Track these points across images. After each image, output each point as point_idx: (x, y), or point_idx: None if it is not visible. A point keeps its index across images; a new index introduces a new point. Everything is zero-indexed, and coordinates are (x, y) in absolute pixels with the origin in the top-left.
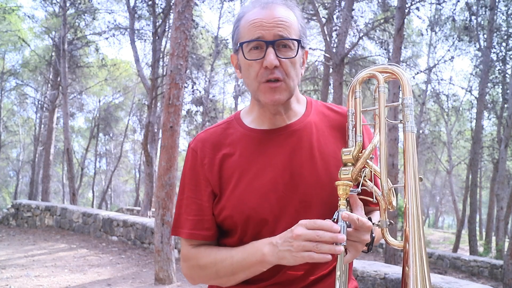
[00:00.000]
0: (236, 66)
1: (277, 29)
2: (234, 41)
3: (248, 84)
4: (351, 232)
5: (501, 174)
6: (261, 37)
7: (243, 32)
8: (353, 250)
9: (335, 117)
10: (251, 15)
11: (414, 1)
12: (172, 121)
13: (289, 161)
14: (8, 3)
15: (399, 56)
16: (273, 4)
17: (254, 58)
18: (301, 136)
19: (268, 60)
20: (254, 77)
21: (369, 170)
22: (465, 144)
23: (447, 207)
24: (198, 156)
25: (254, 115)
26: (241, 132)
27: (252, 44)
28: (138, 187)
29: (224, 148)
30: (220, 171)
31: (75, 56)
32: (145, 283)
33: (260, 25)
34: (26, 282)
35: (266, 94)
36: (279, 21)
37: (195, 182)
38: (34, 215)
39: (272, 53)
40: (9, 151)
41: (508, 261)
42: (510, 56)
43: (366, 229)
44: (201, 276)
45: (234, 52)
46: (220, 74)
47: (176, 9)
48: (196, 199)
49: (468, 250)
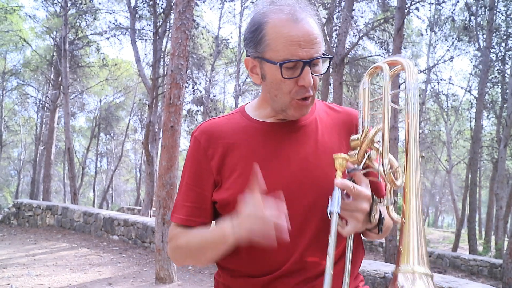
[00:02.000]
0: (252, 70)
1: (313, 49)
2: (258, 48)
3: (276, 95)
4: (348, 201)
5: (501, 173)
6: (299, 57)
7: (275, 46)
8: (353, 220)
9: (337, 115)
10: (284, 29)
11: (413, 1)
12: (172, 121)
13: (294, 154)
14: (9, 3)
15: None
16: (304, 15)
17: (290, 76)
18: (306, 131)
19: (306, 80)
20: (287, 93)
21: (375, 152)
22: (465, 143)
23: (446, 206)
24: (201, 145)
25: (262, 112)
26: (246, 123)
27: (291, 65)
28: (139, 186)
29: (228, 138)
30: (223, 160)
31: (76, 56)
32: (146, 282)
33: (297, 44)
34: (27, 281)
35: (297, 109)
36: (314, 39)
37: (195, 171)
38: (35, 214)
39: (310, 73)
40: (10, 151)
41: (508, 260)
42: (509, 56)
43: (364, 198)
44: (179, 255)
45: (253, 58)
46: (221, 74)
47: (177, 9)
48: (195, 187)
49: (467, 249)
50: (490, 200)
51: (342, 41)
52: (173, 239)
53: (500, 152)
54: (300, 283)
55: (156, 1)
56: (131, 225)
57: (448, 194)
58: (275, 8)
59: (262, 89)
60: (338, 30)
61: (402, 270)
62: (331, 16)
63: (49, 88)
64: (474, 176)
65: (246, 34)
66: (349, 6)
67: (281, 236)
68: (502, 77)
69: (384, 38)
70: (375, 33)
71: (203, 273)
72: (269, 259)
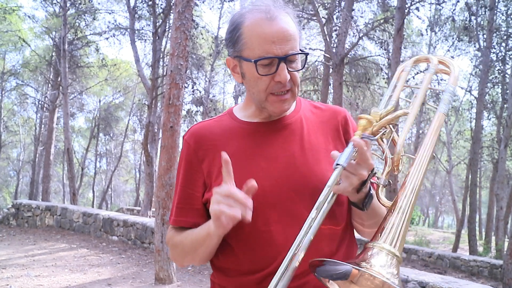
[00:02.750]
0: (233, 70)
1: (288, 46)
2: (236, 48)
3: (254, 93)
4: (351, 163)
5: (501, 174)
6: (274, 54)
7: (251, 44)
8: (347, 182)
9: (322, 113)
10: (258, 28)
11: (414, 1)
12: (172, 121)
13: (281, 151)
14: (8, 3)
15: (399, 56)
16: (278, 13)
17: (266, 73)
18: (293, 129)
19: (282, 76)
20: (263, 89)
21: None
22: (465, 144)
23: (446, 207)
24: (191, 147)
25: (248, 111)
26: (234, 124)
27: (266, 62)
28: (138, 187)
29: (217, 140)
30: (213, 161)
31: (76, 56)
32: (145, 283)
33: (271, 41)
34: (27, 282)
35: (274, 104)
36: (288, 35)
37: (187, 173)
38: (35, 215)
39: (285, 69)
40: (9, 151)
41: (508, 261)
42: (509, 56)
43: (367, 165)
44: (176, 255)
45: (233, 57)
46: (220, 74)
47: (176, 9)
48: (187, 188)
49: (467, 250)
50: (491, 200)
51: (342, 41)
52: (169, 241)
53: (500, 153)
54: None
55: (156, 1)
56: (131, 226)
57: (448, 195)
58: (251, 8)
59: (246, 88)
60: (338, 30)
61: (373, 244)
62: (331, 16)
63: (48, 88)
64: (474, 176)
65: (226, 35)
66: (349, 6)
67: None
68: (502, 77)
69: (384, 38)
70: (375, 33)
71: (202, 273)
72: (260, 255)
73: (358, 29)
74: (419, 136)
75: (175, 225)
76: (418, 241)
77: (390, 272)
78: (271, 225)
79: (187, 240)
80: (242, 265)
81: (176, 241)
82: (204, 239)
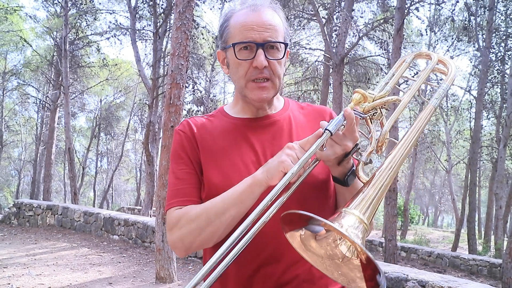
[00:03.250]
0: (222, 62)
1: (266, 33)
2: (223, 39)
3: (236, 81)
4: (337, 133)
5: (500, 173)
6: (252, 40)
7: (234, 32)
8: (330, 150)
9: (309, 112)
10: (241, 17)
11: (413, 2)
12: (173, 121)
13: (270, 146)
14: (10, 4)
15: (399, 56)
16: (262, 7)
17: (244, 58)
18: (281, 126)
19: (258, 61)
20: (243, 75)
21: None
22: (464, 143)
23: (446, 206)
24: (186, 135)
25: (237, 108)
26: (225, 120)
27: (243, 45)
28: (139, 186)
29: (209, 133)
30: (205, 150)
31: (77, 56)
32: (146, 282)
33: (251, 28)
34: (28, 281)
35: (253, 91)
36: (269, 25)
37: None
38: (36, 214)
39: (262, 55)
40: (11, 151)
41: (507, 260)
42: (508, 56)
43: (353, 138)
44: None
45: (221, 49)
46: (221, 74)
47: (177, 10)
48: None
49: (467, 249)
50: (490, 200)
51: (342, 41)
52: (182, 218)
53: (499, 152)
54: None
55: (156, 1)
56: (132, 225)
57: (448, 194)
58: (240, 3)
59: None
60: (338, 30)
61: (345, 210)
62: (331, 16)
63: (50, 88)
64: (473, 176)
65: (218, 30)
66: (349, 6)
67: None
68: (501, 77)
69: (384, 38)
70: (375, 33)
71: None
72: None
73: (358, 29)
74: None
75: (183, 204)
76: (417, 240)
77: (355, 233)
78: None
79: (216, 203)
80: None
81: (196, 212)
82: (242, 192)
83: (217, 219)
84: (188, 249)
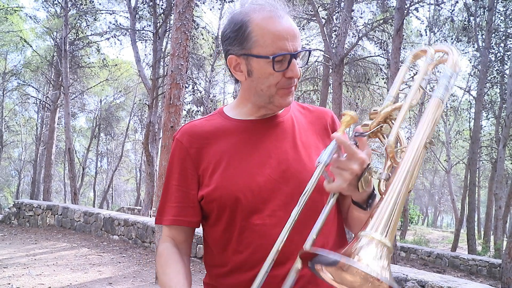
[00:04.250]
0: (235, 68)
1: (297, 42)
2: (244, 45)
3: (263, 90)
4: (341, 159)
5: (500, 173)
6: (287, 51)
7: (263, 41)
8: (340, 179)
9: (310, 114)
10: (270, 25)
11: (413, 2)
12: (172, 121)
13: (274, 148)
14: (10, 4)
15: (398, 57)
16: (283, 14)
17: (279, 69)
18: (284, 127)
19: (294, 72)
20: (274, 84)
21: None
22: (464, 143)
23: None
24: (183, 145)
25: (241, 110)
26: (226, 123)
27: (281, 58)
28: (139, 186)
29: (210, 137)
30: (206, 158)
31: (77, 57)
32: (146, 282)
33: (284, 38)
34: (28, 281)
35: (283, 97)
36: (297, 33)
37: (180, 171)
38: (36, 214)
39: (297, 65)
40: (11, 151)
41: (506, 260)
42: (508, 56)
43: (357, 159)
44: (157, 264)
45: (238, 55)
46: (221, 74)
47: (177, 10)
48: (181, 187)
49: (466, 249)
50: (489, 200)
51: (341, 41)
52: (161, 243)
53: (499, 152)
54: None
55: (156, 2)
56: (131, 225)
57: (447, 194)
58: (255, 7)
59: (243, 87)
60: (337, 31)
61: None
62: (331, 16)
63: (50, 88)
64: (473, 176)
65: (228, 34)
66: (348, 6)
67: None
68: (501, 77)
69: (383, 38)
70: (375, 33)
71: (202, 273)
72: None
73: (358, 29)
74: None
75: (175, 224)
76: (417, 240)
77: (381, 265)
78: (265, 219)
79: (161, 269)
80: (236, 261)
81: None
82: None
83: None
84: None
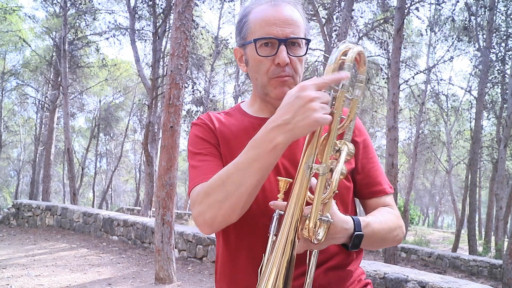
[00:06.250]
0: (240, 59)
1: (288, 29)
2: (241, 35)
3: (257, 78)
4: None
5: (501, 174)
6: (274, 35)
7: (254, 28)
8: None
9: None
10: (262, 12)
11: (413, 2)
12: (172, 121)
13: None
14: (9, 4)
15: (399, 56)
16: (282, 2)
17: (266, 54)
18: None
19: (281, 58)
20: (265, 72)
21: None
22: (465, 144)
23: (446, 206)
24: (207, 125)
25: (255, 107)
26: (243, 118)
27: (265, 41)
28: (139, 187)
29: (227, 129)
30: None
31: (76, 56)
32: (146, 283)
33: (273, 23)
34: (27, 282)
35: (276, 88)
36: (290, 20)
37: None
38: (35, 214)
39: (284, 51)
40: (10, 151)
41: (507, 261)
42: (509, 56)
43: None
44: (210, 205)
45: (239, 46)
46: (220, 74)
47: (177, 10)
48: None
49: (467, 249)
50: (490, 200)
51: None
52: (201, 191)
53: (500, 153)
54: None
55: (156, 1)
56: (131, 226)
57: (448, 195)
58: (258, 1)
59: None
60: (338, 30)
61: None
62: (331, 16)
63: (49, 88)
64: (474, 176)
65: (236, 27)
66: (348, 6)
67: None
68: (502, 77)
69: (384, 38)
70: (375, 33)
71: (202, 273)
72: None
73: (358, 29)
74: (418, 136)
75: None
76: (417, 241)
77: None
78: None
79: (237, 162)
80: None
81: (211, 183)
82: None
83: (241, 177)
84: (211, 225)
